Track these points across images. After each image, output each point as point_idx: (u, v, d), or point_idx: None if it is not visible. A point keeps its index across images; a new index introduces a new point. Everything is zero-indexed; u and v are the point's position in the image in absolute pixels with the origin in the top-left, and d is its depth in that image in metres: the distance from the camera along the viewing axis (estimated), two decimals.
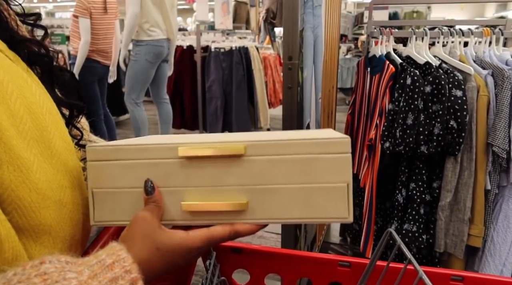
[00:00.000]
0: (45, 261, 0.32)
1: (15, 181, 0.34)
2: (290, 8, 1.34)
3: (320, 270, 0.67)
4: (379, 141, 1.44)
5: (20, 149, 0.35)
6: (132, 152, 0.45)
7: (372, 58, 1.65)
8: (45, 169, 0.38)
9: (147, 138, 0.57)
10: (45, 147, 0.39)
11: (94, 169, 0.44)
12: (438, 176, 1.42)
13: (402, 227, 1.44)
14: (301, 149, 0.43)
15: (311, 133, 0.54)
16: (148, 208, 0.43)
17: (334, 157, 0.43)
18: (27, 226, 0.36)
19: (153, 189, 0.43)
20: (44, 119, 0.39)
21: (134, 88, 3.01)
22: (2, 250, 0.33)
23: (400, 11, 6.90)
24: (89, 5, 2.81)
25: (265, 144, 0.43)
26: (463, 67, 1.39)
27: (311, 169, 0.43)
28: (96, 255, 0.36)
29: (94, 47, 2.93)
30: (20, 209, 0.35)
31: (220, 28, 4.27)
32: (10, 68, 0.39)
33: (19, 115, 0.36)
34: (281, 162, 0.43)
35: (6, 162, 0.34)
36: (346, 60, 5.98)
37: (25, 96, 0.38)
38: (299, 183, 0.44)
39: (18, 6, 0.47)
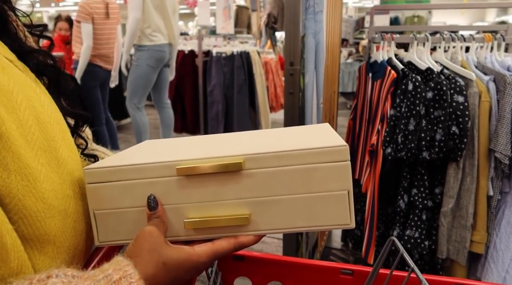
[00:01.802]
0: (52, 275, 0.32)
1: (22, 190, 0.34)
2: (291, 14, 1.34)
3: (322, 278, 0.67)
4: (381, 147, 1.44)
5: (28, 158, 0.36)
6: (129, 173, 0.44)
7: (373, 64, 1.65)
8: (51, 178, 0.38)
9: (145, 147, 0.56)
10: (52, 157, 0.39)
11: (93, 191, 0.44)
12: (440, 182, 1.42)
13: (404, 233, 1.43)
14: (300, 159, 0.43)
15: (308, 135, 0.54)
16: (153, 223, 0.43)
17: (334, 165, 0.43)
18: (32, 235, 0.36)
19: (156, 205, 0.43)
20: (51, 129, 0.40)
21: (135, 92, 3.02)
22: (8, 260, 0.33)
23: (401, 16, 6.92)
24: (91, 10, 2.83)
25: (263, 157, 0.43)
26: (464, 72, 1.39)
27: (311, 178, 0.44)
28: (103, 269, 0.36)
29: (96, 52, 2.95)
30: (26, 219, 0.35)
31: (221, 33, 4.29)
32: (19, 78, 0.39)
33: (27, 125, 0.37)
34: (281, 173, 0.43)
35: (14, 171, 0.34)
36: (347, 65, 5.99)
37: (34, 106, 0.38)
38: (300, 193, 0.44)
39: (26, 18, 0.47)
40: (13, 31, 0.43)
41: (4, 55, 0.40)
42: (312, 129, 0.60)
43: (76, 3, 12.73)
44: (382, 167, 1.47)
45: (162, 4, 2.89)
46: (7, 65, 0.38)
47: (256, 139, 0.55)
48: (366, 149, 1.58)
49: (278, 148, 0.44)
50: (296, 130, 0.61)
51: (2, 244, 0.32)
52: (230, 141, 0.56)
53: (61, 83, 0.48)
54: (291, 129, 0.64)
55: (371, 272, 0.64)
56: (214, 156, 0.44)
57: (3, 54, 0.40)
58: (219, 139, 0.60)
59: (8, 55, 0.40)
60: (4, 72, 0.37)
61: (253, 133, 0.62)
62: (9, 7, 0.44)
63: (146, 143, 0.62)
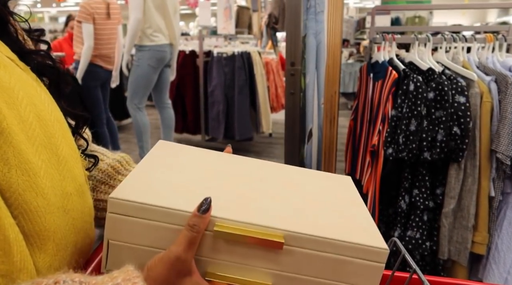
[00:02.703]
0: (59, 281, 0.32)
1: (22, 185, 0.35)
2: (292, 15, 1.34)
3: None
4: (382, 147, 1.44)
5: (29, 154, 0.36)
6: (158, 215, 0.41)
7: (374, 64, 1.65)
8: (51, 175, 0.38)
9: (168, 163, 0.53)
10: (53, 154, 0.39)
11: (112, 221, 0.42)
12: (442, 182, 1.41)
13: (405, 234, 1.43)
14: (339, 250, 0.43)
15: (343, 210, 0.52)
16: (186, 241, 0.39)
17: (369, 264, 0.43)
18: (32, 231, 0.36)
19: (208, 208, 0.41)
20: (52, 126, 0.40)
21: (136, 92, 3.02)
22: (11, 254, 0.33)
23: (402, 16, 6.91)
24: (92, 10, 2.83)
25: (303, 238, 0.42)
26: (466, 73, 1.39)
27: (343, 269, 0.43)
28: (112, 276, 0.35)
29: (97, 52, 2.95)
30: (26, 214, 0.35)
31: (222, 33, 4.29)
32: (20, 76, 0.40)
33: (28, 121, 0.37)
34: (315, 257, 0.43)
35: (15, 166, 0.34)
36: (348, 65, 5.99)
37: (34, 104, 0.39)
38: (327, 279, 0.44)
39: (24, 23, 0.48)
40: (13, 32, 0.44)
41: (6, 54, 0.40)
42: (339, 187, 0.59)
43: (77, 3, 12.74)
44: (383, 168, 1.47)
45: (163, 4, 2.89)
46: (8, 64, 0.39)
47: (291, 195, 0.53)
48: (367, 150, 1.58)
49: (320, 231, 0.43)
50: (324, 192, 0.58)
51: (5, 237, 0.33)
52: (260, 181, 0.54)
53: (61, 83, 0.48)
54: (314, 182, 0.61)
55: None
56: (255, 223, 0.42)
57: (4, 53, 0.40)
58: (247, 170, 0.58)
59: (9, 55, 0.41)
60: (6, 70, 0.37)
61: (283, 175, 0.60)
62: (8, 11, 0.44)
63: (165, 151, 0.58)
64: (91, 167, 0.55)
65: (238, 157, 0.62)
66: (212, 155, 0.61)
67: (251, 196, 0.49)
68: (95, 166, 0.56)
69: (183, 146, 0.61)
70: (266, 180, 0.56)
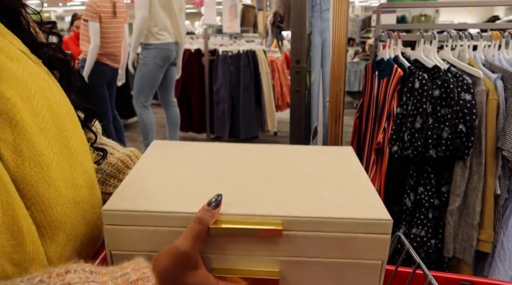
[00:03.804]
0: (70, 271, 0.33)
1: (35, 177, 0.35)
2: (298, 12, 1.35)
3: None
4: (387, 145, 1.44)
5: (42, 146, 0.36)
6: (154, 220, 0.41)
7: (380, 62, 1.64)
8: (63, 167, 0.39)
9: (160, 165, 0.52)
10: (64, 146, 0.40)
11: (111, 233, 0.41)
12: (447, 180, 1.41)
13: (410, 232, 1.43)
14: (340, 228, 0.42)
15: (343, 182, 0.50)
16: (193, 234, 0.39)
17: (373, 237, 0.42)
18: (44, 222, 0.37)
19: (218, 204, 0.40)
20: (63, 119, 0.41)
21: (142, 91, 3.04)
22: (24, 244, 0.34)
23: (408, 15, 6.87)
24: (99, 9, 2.85)
25: (302, 221, 0.42)
26: (472, 70, 1.38)
27: (348, 246, 0.43)
28: (122, 267, 0.36)
29: (104, 51, 2.97)
30: (38, 205, 0.36)
31: (227, 32, 4.29)
32: (33, 69, 0.40)
33: (41, 114, 0.38)
34: (317, 238, 0.42)
35: (28, 158, 0.35)
36: (353, 64, 5.97)
37: (47, 97, 0.39)
38: (333, 258, 0.43)
39: (36, 15, 0.48)
40: (25, 25, 0.44)
41: (18, 47, 0.41)
42: (339, 160, 0.58)
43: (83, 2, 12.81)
44: (388, 165, 1.47)
45: (169, 3, 2.90)
46: (21, 57, 0.39)
47: (286, 176, 0.51)
48: (372, 147, 1.58)
49: (317, 211, 0.42)
50: (323, 165, 0.56)
51: (19, 228, 0.33)
52: (255, 168, 0.53)
53: (71, 77, 0.49)
54: (313, 155, 0.60)
55: None
56: (250, 213, 0.42)
57: (17, 46, 0.41)
58: (240, 159, 0.57)
59: (22, 48, 0.41)
60: (19, 64, 0.38)
61: (275, 156, 0.59)
62: (20, 3, 0.44)
63: (157, 152, 0.58)
64: (99, 160, 0.56)
65: (232, 145, 0.62)
66: (206, 148, 0.61)
67: (246, 185, 0.48)
68: (103, 160, 0.57)
69: (178, 144, 0.61)
70: (263, 164, 0.55)
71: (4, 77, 0.35)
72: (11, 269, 0.33)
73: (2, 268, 0.32)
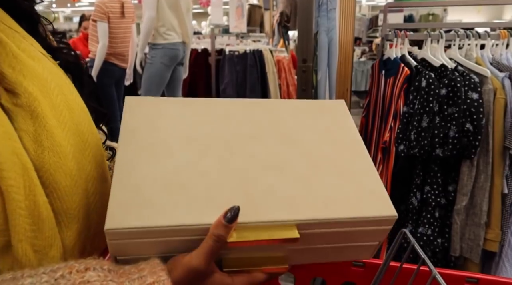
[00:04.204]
0: (90, 268, 0.34)
1: (53, 166, 0.38)
2: (304, 12, 1.35)
3: (334, 269, 0.68)
4: (394, 144, 1.44)
5: (60, 137, 0.39)
6: (161, 233, 0.39)
7: (386, 61, 1.65)
8: (78, 159, 0.41)
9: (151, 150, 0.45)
10: (79, 140, 0.42)
11: (115, 246, 0.39)
12: (454, 179, 1.41)
13: (416, 231, 1.43)
14: (349, 225, 0.43)
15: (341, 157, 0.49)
16: (210, 246, 0.38)
17: (379, 228, 0.45)
18: (60, 209, 0.39)
19: (235, 218, 0.39)
20: (79, 115, 0.44)
21: (150, 90, 3.06)
22: (43, 229, 0.36)
23: (415, 14, 6.83)
24: (107, 9, 2.88)
25: (315, 223, 0.42)
26: (479, 69, 1.38)
27: (356, 235, 0.45)
28: (139, 268, 0.37)
29: (112, 51, 3.00)
30: (55, 192, 0.38)
31: (234, 32, 4.31)
32: (52, 69, 0.44)
33: (59, 108, 0.41)
34: (326, 233, 0.44)
35: (47, 147, 0.38)
36: (360, 63, 5.96)
37: (64, 94, 0.42)
38: (340, 243, 0.46)
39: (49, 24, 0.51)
40: (42, 32, 0.48)
41: (38, 49, 0.44)
42: (335, 125, 0.55)
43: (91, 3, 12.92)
44: (395, 164, 1.47)
45: (176, 3, 2.92)
46: (41, 58, 0.43)
47: (287, 156, 0.48)
48: (378, 146, 1.58)
49: (329, 213, 0.42)
50: (318, 132, 0.53)
51: (39, 213, 0.36)
52: (252, 144, 0.49)
53: (84, 80, 0.52)
54: (303, 116, 0.55)
55: (382, 264, 0.65)
56: (265, 220, 0.41)
57: (36, 48, 0.44)
58: (233, 128, 0.50)
59: (41, 50, 0.45)
60: (40, 63, 0.42)
61: (269, 125, 0.53)
62: (36, 13, 0.48)
63: (138, 121, 0.48)
64: (109, 158, 0.58)
65: (219, 103, 0.54)
66: (190, 112, 0.52)
67: (249, 175, 0.45)
68: (112, 158, 0.59)
69: (156, 105, 0.51)
70: (259, 137, 0.50)
71: (26, 73, 0.38)
72: (32, 254, 0.35)
73: (25, 252, 0.35)
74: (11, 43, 0.39)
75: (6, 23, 0.41)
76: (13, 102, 0.37)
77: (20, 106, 0.37)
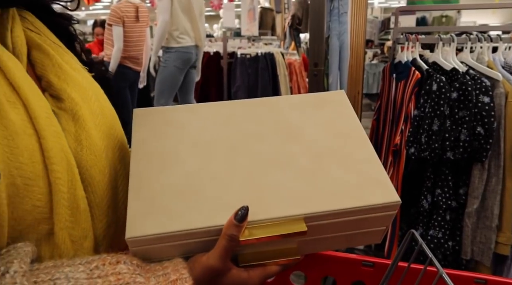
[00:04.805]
0: (121, 261, 0.38)
1: (90, 162, 0.42)
2: (316, 16, 1.37)
3: (344, 269, 0.70)
4: (404, 147, 1.45)
5: (96, 138, 0.44)
6: (181, 236, 0.41)
7: (397, 64, 1.66)
8: (110, 157, 0.46)
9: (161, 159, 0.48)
10: (111, 141, 0.47)
11: (138, 253, 0.41)
12: (465, 182, 1.41)
13: (427, 233, 1.43)
14: (354, 214, 0.45)
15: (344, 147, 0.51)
16: (224, 246, 0.41)
17: (385, 214, 0.47)
18: (93, 203, 0.43)
19: (245, 217, 0.41)
20: (110, 120, 0.49)
21: (163, 93, 3.11)
22: (80, 221, 0.40)
23: (428, 16, 6.78)
24: (122, 14, 2.94)
25: (322, 215, 0.44)
26: (491, 73, 1.38)
27: (363, 223, 0.47)
28: (163, 266, 0.40)
29: (126, 54, 3.06)
30: (90, 187, 0.42)
31: (246, 35, 4.34)
32: (89, 79, 0.50)
33: (95, 113, 0.46)
34: (337, 223, 0.46)
35: (85, 146, 0.42)
36: (372, 66, 5.94)
37: (99, 101, 0.48)
38: (348, 231, 0.48)
39: None
40: (78, 48, 0.53)
41: (76, 62, 0.50)
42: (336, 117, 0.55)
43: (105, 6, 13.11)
44: (406, 167, 1.48)
45: (190, 7, 2.97)
46: (80, 69, 0.49)
47: (292, 151, 0.50)
48: (389, 149, 1.59)
49: (335, 204, 0.44)
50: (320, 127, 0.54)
51: (77, 206, 0.40)
52: (257, 143, 0.50)
53: (111, 90, 0.56)
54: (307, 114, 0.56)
55: (390, 264, 0.66)
56: (273, 217, 0.43)
57: (76, 61, 0.50)
58: (238, 129, 0.52)
59: (78, 63, 0.50)
60: (79, 73, 0.47)
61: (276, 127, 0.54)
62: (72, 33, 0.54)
63: (150, 132, 0.51)
64: None
65: (224, 105, 0.56)
66: (198, 118, 0.54)
67: (256, 173, 0.47)
68: None
69: (163, 114, 0.54)
70: (263, 135, 0.52)
71: (69, 82, 0.44)
72: (70, 244, 0.39)
73: (64, 240, 0.38)
74: (56, 56, 0.45)
75: (51, 39, 0.47)
76: (58, 106, 0.43)
77: (64, 109, 0.43)
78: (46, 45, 0.45)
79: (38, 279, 0.34)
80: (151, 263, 0.41)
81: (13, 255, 0.34)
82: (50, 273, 0.35)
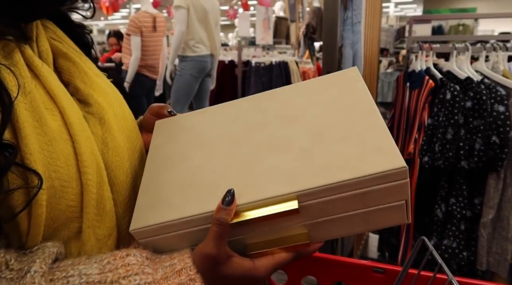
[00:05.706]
0: (130, 254, 0.40)
1: (115, 163, 0.45)
2: (329, 26, 1.39)
3: (355, 275, 0.71)
4: (418, 156, 1.45)
5: (120, 140, 0.46)
6: (181, 225, 0.43)
7: (411, 73, 1.66)
8: (131, 159, 0.49)
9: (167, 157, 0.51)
10: (131, 144, 0.50)
11: (145, 245, 0.44)
12: (480, 192, 1.40)
13: (441, 243, 1.42)
14: (356, 186, 0.41)
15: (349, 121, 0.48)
16: (217, 232, 0.41)
17: (392, 185, 0.41)
18: (117, 201, 0.45)
19: (232, 201, 0.41)
20: (130, 123, 0.51)
21: (178, 101, 3.17)
22: (105, 220, 0.43)
23: (445, 25, 6.72)
24: (140, 24, 3.02)
25: (316, 191, 0.41)
26: (506, 82, 1.37)
27: (368, 198, 0.42)
28: (171, 257, 0.42)
29: (143, 63, 3.13)
30: (114, 186, 0.45)
31: (260, 43, 4.38)
32: (110, 84, 0.53)
33: (118, 117, 0.48)
34: (336, 200, 0.42)
35: (111, 148, 0.45)
36: (387, 74, 5.91)
37: (120, 106, 0.51)
38: (356, 210, 0.43)
39: None
40: (94, 56, 0.56)
41: (96, 68, 0.52)
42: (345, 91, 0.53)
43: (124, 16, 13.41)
44: (419, 176, 1.48)
45: (206, 17, 3.03)
46: (101, 75, 0.52)
47: (291, 132, 0.49)
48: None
49: (330, 177, 0.41)
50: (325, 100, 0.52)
51: (104, 206, 0.42)
52: (258, 129, 0.51)
53: (126, 95, 0.59)
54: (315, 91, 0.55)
55: (401, 271, 0.67)
56: (264, 197, 0.42)
57: (95, 68, 0.52)
58: (242, 119, 0.54)
59: (97, 69, 0.53)
60: (102, 79, 0.50)
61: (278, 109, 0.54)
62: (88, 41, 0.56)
63: (164, 139, 0.55)
64: None
65: (233, 105, 0.58)
66: (205, 117, 0.57)
67: (252, 159, 0.47)
68: None
69: (179, 119, 0.58)
70: (266, 122, 0.52)
71: (95, 87, 0.47)
72: (94, 241, 0.41)
73: (89, 238, 0.41)
74: (81, 63, 0.48)
75: (72, 47, 0.49)
76: (86, 111, 0.45)
77: (91, 113, 0.45)
78: (70, 53, 0.47)
79: (54, 277, 0.36)
80: (162, 255, 0.43)
81: (38, 255, 0.37)
82: (65, 271, 0.37)
